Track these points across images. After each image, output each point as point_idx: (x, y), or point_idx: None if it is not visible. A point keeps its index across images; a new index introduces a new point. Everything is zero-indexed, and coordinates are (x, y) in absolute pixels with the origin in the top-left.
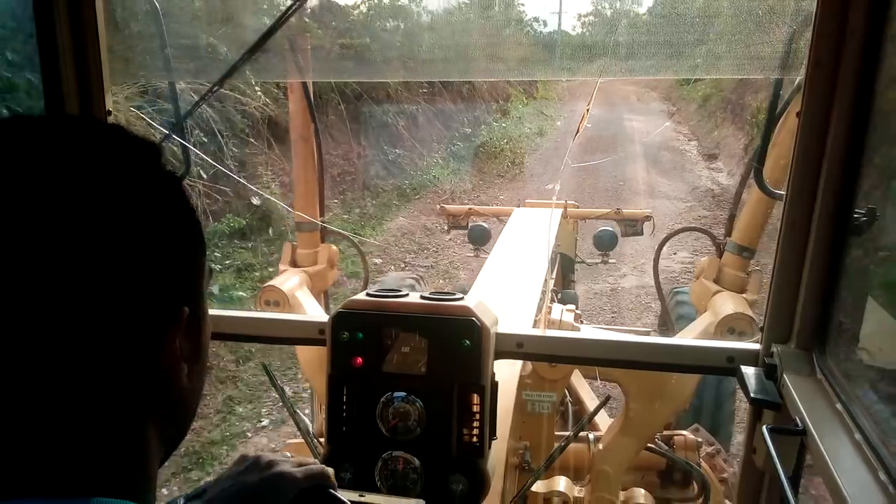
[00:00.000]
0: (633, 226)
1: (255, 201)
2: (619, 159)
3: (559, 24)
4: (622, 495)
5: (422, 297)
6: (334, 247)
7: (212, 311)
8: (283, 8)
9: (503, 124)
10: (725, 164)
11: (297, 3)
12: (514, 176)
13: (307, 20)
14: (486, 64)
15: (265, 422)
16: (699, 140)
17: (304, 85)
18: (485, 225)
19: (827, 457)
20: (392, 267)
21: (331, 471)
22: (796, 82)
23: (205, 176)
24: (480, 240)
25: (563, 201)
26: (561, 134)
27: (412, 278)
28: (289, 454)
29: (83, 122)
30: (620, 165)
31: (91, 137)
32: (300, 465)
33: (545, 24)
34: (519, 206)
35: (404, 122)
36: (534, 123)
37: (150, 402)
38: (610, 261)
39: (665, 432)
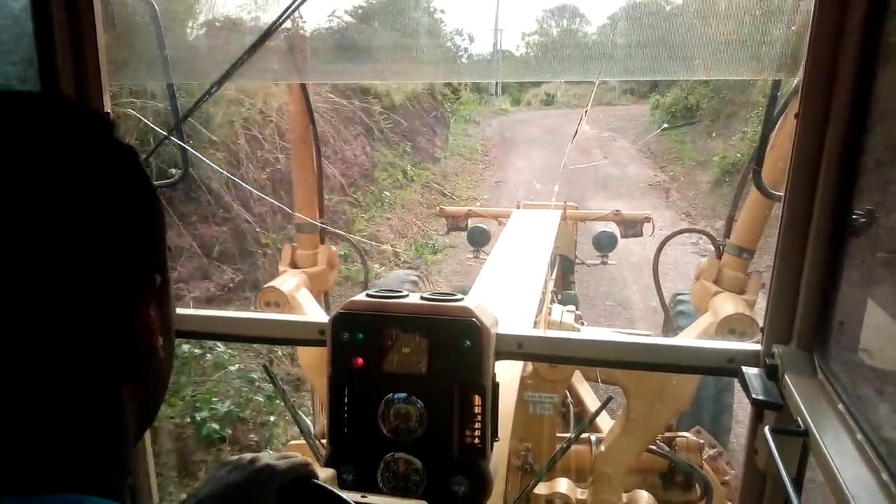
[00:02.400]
0: (632, 227)
1: None
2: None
3: (499, 43)
4: (624, 497)
5: (422, 298)
6: (334, 248)
7: (212, 313)
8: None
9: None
10: None
11: (296, 4)
12: None
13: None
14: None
15: None
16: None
17: (303, 86)
18: (484, 226)
19: (829, 457)
20: None
21: (332, 471)
22: (794, 83)
23: None
24: (480, 241)
25: (563, 203)
26: (466, 279)
27: (415, 275)
28: (270, 452)
29: (27, 98)
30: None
31: (38, 111)
32: (282, 458)
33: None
34: (518, 208)
35: None
36: (402, 245)
37: (127, 378)
38: (610, 262)
39: (667, 434)
